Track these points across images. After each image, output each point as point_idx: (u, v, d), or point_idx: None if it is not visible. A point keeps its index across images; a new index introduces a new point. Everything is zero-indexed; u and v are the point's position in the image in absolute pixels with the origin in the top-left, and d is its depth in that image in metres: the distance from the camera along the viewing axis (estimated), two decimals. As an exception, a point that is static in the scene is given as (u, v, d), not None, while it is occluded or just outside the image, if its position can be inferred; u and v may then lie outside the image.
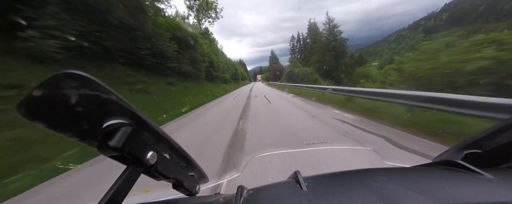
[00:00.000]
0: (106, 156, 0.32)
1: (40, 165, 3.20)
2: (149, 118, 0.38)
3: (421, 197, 0.32)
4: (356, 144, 3.37)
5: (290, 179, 0.45)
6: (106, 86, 0.30)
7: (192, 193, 0.57)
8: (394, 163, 2.33)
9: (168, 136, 0.45)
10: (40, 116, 0.27)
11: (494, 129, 0.43)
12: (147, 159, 0.37)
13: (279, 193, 0.39)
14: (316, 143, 3.43)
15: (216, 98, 15.11)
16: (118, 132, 0.32)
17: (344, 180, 0.42)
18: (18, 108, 0.26)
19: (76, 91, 0.28)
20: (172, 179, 0.48)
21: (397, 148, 3.10)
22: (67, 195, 2.39)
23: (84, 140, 0.31)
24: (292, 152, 3.03)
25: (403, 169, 0.48)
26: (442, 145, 3.15)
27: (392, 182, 0.37)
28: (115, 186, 0.33)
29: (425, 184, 0.37)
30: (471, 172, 0.40)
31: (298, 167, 2.36)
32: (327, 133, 4.08)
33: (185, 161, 0.55)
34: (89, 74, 0.28)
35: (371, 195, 0.33)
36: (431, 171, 0.46)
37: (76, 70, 0.28)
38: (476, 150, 0.46)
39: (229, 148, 3.47)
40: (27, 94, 0.26)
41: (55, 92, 0.27)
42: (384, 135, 3.69)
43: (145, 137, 0.39)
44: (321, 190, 0.37)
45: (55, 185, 2.67)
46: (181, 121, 6.76)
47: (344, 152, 2.95)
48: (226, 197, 0.44)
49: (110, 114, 0.32)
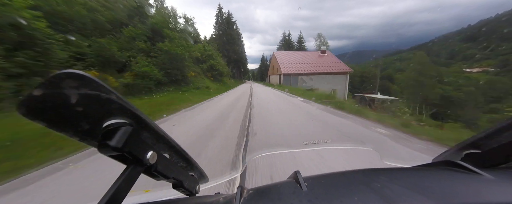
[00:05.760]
0: (106, 155, 0.32)
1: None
2: (149, 118, 0.38)
3: (421, 197, 0.32)
4: (356, 144, 3.37)
5: (290, 179, 0.45)
6: (106, 85, 0.30)
7: (192, 193, 0.57)
8: (394, 163, 2.33)
9: (168, 136, 0.45)
10: (41, 115, 0.27)
11: (494, 129, 0.43)
12: (147, 159, 0.37)
13: (279, 193, 0.39)
14: (316, 143, 3.43)
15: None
16: (118, 132, 0.32)
17: (344, 180, 0.42)
18: (19, 108, 0.26)
19: (76, 91, 0.28)
20: (172, 179, 0.48)
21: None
22: (67, 195, 2.39)
23: (84, 139, 0.31)
24: (292, 152, 3.03)
25: (403, 169, 0.48)
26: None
27: (392, 182, 0.37)
28: (115, 186, 0.33)
29: (425, 184, 0.37)
30: (471, 172, 0.40)
31: (298, 167, 2.36)
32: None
33: (185, 161, 0.55)
34: (90, 74, 0.28)
35: (371, 195, 0.33)
36: (431, 171, 0.46)
37: (76, 70, 0.28)
38: (476, 150, 0.46)
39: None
40: (28, 94, 0.26)
41: (55, 92, 0.27)
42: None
43: (145, 137, 0.39)
44: (321, 190, 0.37)
45: (56, 184, 2.67)
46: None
47: (344, 152, 2.95)
48: (226, 197, 0.43)
49: (110, 113, 0.32)
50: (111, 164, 0.51)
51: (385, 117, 6.98)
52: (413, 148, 3.50)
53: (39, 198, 2.37)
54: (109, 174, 2.75)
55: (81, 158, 3.53)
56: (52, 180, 2.82)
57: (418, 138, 4.26)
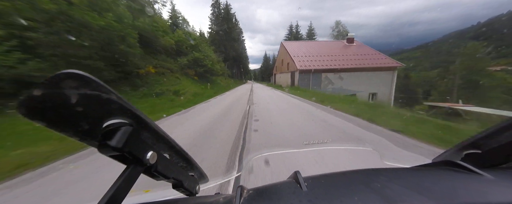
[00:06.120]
0: (106, 155, 0.32)
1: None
2: (149, 118, 0.38)
3: (421, 197, 0.32)
4: (356, 144, 3.37)
5: (290, 179, 0.45)
6: (106, 85, 0.30)
7: (192, 193, 0.57)
8: (394, 163, 2.33)
9: (168, 136, 0.45)
10: (40, 115, 0.27)
11: (494, 129, 0.43)
12: (147, 159, 0.37)
13: (279, 193, 0.39)
14: (316, 143, 3.43)
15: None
16: (118, 132, 0.32)
17: (344, 180, 0.42)
18: (19, 108, 0.26)
19: (76, 91, 0.28)
20: (172, 179, 0.48)
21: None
22: (67, 195, 2.39)
23: (84, 139, 0.31)
24: (292, 152, 3.03)
25: (403, 169, 0.48)
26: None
27: (392, 182, 0.37)
28: (115, 186, 0.33)
29: (425, 184, 0.37)
30: (471, 172, 0.40)
31: (298, 167, 2.36)
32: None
33: (185, 161, 0.55)
34: (90, 74, 0.28)
35: (371, 195, 0.33)
36: (431, 171, 0.46)
37: (76, 70, 0.28)
38: (476, 150, 0.46)
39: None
40: (27, 94, 0.26)
41: (55, 92, 0.27)
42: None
43: (145, 137, 0.39)
44: (321, 190, 0.37)
45: (55, 183, 2.67)
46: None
47: (344, 152, 2.95)
48: (226, 197, 0.43)
49: (110, 113, 0.32)
50: (111, 164, 0.51)
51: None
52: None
53: (39, 198, 2.37)
54: (109, 174, 2.75)
55: (81, 158, 3.53)
56: (52, 180, 2.82)
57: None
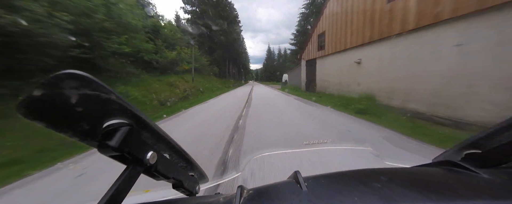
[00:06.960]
0: (106, 155, 0.32)
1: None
2: (149, 118, 0.38)
3: (421, 197, 0.32)
4: (356, 144, 3.37)
5: (290, 179, 0.45)
6: (106, 86, 0.30)
7: (192, 193, 0.57)
8: (394, 163, 2.33)
9: (168, 136, 0.45)
10: (40, 116, 0.27)
11: (494, 129, 0.43)
12: (147, 159, 0.37)
13: (279, 193, 0.39)
14: (316, 143, 3.43)
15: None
16: (118, 132, 0.32)
17: (344, 180, 0.42)
18: (18, 108, 0.26)
19: (76, 91, 0.28)
20: (172, 179, 0.48)
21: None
22: (67, 195, 2.39)
23: (84, 140, 0.31)
24: (292, 152, 3.03)
25: (403, 169, 0.48)
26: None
27: (392, 182, 0.37)
28: (115, 186, 0.33)
29: (425, 184, 0.37)
30: (471, 172, 0.40)
31: (298, 167, 2.36)
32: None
33: (185, 161, 0.55)
34: (90, 74, 0.28)
35: (371, 195, 0.33)
36: (431, 171, 0.46)
37: (76, 70, 0.27)
38: (476, 150, 0.46)
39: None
40: (27, 95, 0.26)
41: (55, 92, 0.27)
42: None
43: (145, 137, 0.39)
44: (321, 190, 0.37)
45: (56, 184, 2.67)
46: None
47: (344, 152, 2.95)
48: (226, 197, 0.43)
49: (110, 113, 0.32)
50: (111, 164, 0.50)
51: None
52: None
53: (40, 198, 2.37)
54: (109, 174, 2.75)
55: (81, 158, 3.53)
56: (53, 180, 2.82)
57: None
